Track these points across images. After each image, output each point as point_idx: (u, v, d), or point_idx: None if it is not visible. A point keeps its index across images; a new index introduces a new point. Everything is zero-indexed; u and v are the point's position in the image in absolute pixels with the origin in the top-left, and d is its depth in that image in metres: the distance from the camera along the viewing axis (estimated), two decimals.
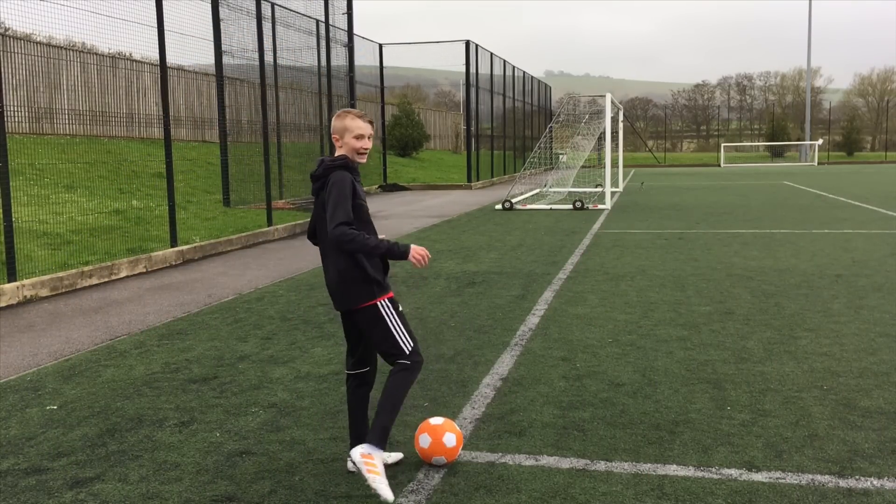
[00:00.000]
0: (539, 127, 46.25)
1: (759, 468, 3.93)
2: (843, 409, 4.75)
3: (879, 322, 6.92)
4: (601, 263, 10.52)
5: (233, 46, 16.13)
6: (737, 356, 5.92)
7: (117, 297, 8.89)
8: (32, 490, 3.84)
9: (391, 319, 3.82)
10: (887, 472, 3.87)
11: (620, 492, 3.70)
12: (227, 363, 6.01)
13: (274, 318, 7.60)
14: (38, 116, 16.46)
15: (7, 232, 8.67)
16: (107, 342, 6.79)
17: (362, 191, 3.90)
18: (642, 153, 61.69)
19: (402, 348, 3.81)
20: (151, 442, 4.43)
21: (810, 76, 60.24)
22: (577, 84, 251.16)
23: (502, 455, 4.15)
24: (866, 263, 10.12)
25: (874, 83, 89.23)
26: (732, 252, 11.33)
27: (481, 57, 32.48)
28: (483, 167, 33.10)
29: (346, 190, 3.74)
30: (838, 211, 17.52)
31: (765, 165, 50.90)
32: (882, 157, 56.81)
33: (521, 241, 13.12)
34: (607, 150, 22.19)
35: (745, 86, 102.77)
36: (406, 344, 3.83)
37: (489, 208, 20.35)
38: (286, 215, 15.95)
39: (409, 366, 3.81)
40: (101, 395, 5.29)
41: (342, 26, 20.42)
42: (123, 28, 11.69)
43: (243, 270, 10.68)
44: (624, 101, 69.57)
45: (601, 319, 7.22)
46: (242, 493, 3.76)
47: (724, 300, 7.98)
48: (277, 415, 4.83)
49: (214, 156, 18.45)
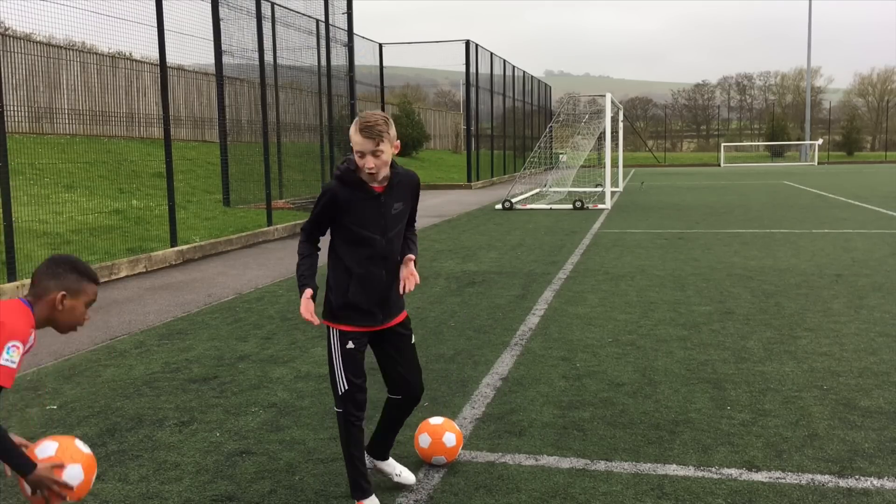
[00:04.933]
0: (539, 127, 46.22)
1: (759, 468, 3.93)
2: (843, 408, 4.75)
3: (879, 322, 6.92)
4: (601, 263, 10.52)
5: (233, 46, 16.12)
6: (737, 356, 5.92)
7: (117, 296, 8.89)
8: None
9: (333, 352, 3.50)
10: (887, 472, 3.87)
11: (620, 492, 3.70)
12: (227, 363, 6.01)
13: (274, 317, 7.60)
14: (38, 116, 16.45)
15: (7, 231, 8.67)
16: (107, 342, 6.79)
17: (367, 209, 3.42)
18: (642, 153, 61.67)
19: (336, 388, 3.50)
20: (151, 442, 4.43)
21: (810, 76, 60.22)
22: (577, 84, 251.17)
23: (502, 455, 4.15)
24: (866, 263, 10.12)
25: (874, 83, 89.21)
26: (732, 252, 11.33)
27: (481, 56, 32.48)
28: (483, 167, 33.10)
29: (318, 203, 3.44)
30: (838, 211, 17.52)
31: (765, 165, 50.89)
32: (882, 157, 56.78)
33: (521, 241, 13.11)
34: (607, 150, 22.18)
35: (745, 85, 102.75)
36: (339, 384, 3.47)
37: (489, 208, 20.35)
38: (286, 215, 15.94)
39: (337, 414, 3.51)
40: (101, 394, 5.29)
41: (342, 26, 20.40)
42: (123, 28, 11.69)
43: (243, 270, 10.68)
44: (624, 101, 69.54)
45: (601, 319, 7.22)
46: (242, 493, 3.76)
47: (724, 300, 7.98)
48: (277, 415, 4.83)
49: (214, 155, 18.44)
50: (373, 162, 3.30)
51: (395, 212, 3.47)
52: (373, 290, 3.48)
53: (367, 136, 3.27)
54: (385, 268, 3.49)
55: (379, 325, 3.52)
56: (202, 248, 12.00)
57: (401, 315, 3.63)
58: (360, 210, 3.40)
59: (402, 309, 3.66)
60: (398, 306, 3.61)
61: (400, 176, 3.50)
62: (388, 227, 3.45)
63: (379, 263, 3.47)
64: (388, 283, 3.51)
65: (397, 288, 3.53)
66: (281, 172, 17.80)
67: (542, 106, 49.39)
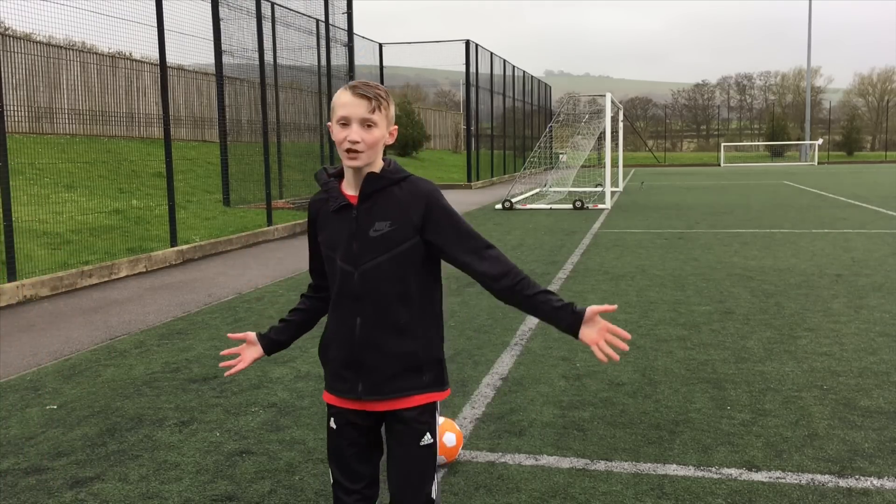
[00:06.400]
0: (539, 127, 46.23)
1: (759, 468, 3.93)
2: (843, 408, 4.75)
3: (879, 322, 6.92)
4: (601, 263, 10.52)
5: (233, 46, 16.12)
6: (737, 356, 5.92)
7: (117, 296, 8.89)
8: (32, 490, 3.84)
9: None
10: (887, 471, 3.87)
11: (620, 492, 3.70)
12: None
13: (274, 317, 7.60)
14: (38, 116, 16.45)
15: (7, 231, 8.67)
16: (107, 342, 6.79)
17: (334, 223, 2.44)
18: (642, 153, 61.68)
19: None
20: (151, 442, 4.43)
21: (810, 76, 60.22)
22: (577, 84, 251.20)
23: (502, 455, 4.15)
24: (866, 263, 10.12)
25: (874, 83, 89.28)
26: (732, 252, 11.33)
27: (481, 56, 32.48)
28: (483, 167, 33.10)
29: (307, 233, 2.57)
30: (838, 211, 17.52)
31: (765, 165, 50.89)
32: (882, 157, 56.79)
33: (521, 241, 13.11)
34: (607, 150, 22.18)
35: (744, 85, 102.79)
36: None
37: (489, 208, 20.35)
38: (286, 215, 15.94)
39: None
40: (101, 394, 5.29)
41: (342, 26, 20.40)
42: (123, 27, 11.70)
43: (243, 270, 10.68)
44: (624, 101, 69.55)
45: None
46: (242, 493, 3.76)
47: (724, 300, 7.97)
48: (277, 414, 4.83)
49: (214, 155, 18.44)
50: (359, 134, 2.30)
51: (374, 233, 2.37)
52: (341, 344, 2.45)
53: (360, 94, 2.31)
54: (358, 314, 2.40)
55: (358, 398, 2.43)
56: (202, 248, 12.00)
57: (408, 397, 2.43)
58: (328, 224, 2.47)
59: (418, 388, 2.44)
60: (400, 380, 2.42)
61: (393, 182, 2.39)
62: (360, 254, 2.38)
63: (348, 307, 2.42)
64: (362, 338, 2.40)
65: (391, 349, 2.40)
66: (281, 172, 17.80)
67: (542, 106, 49.39)
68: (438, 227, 2.39)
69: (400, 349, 2.40)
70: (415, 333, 2.42)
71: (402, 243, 2.37)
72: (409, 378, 2.42)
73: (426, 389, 2.44)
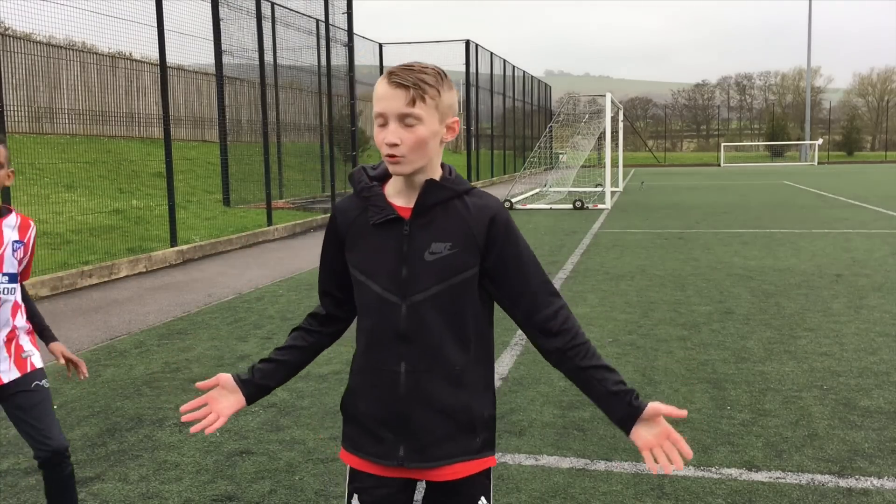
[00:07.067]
0: (539, 127, 46.24)
1: (759, 468, 3.93)
2: (843, 408, 4.75)
3: (879, 322, 6.92)
4: (601, 263, 10.52)
5: (233, 46, 16.13)
6: (737, 356, 5.92)
7: (117, 296, 8.89)
8: (32, 490, 3.83)
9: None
10: (887, 471, 3.87)
11: (620, 492, 3.70)
12: (227, 363, 6.01)
13: (274, 317, 7.59)
14: (38, 116, 16.45)
15: None
16: (107, 342, 6.79)
17: (376, 241, 1.95)
18: (642, 153, 61.68)
19: None
20: (151, 442, 4.43)
21: (810, 76, 60.23)
22: (577, 84, 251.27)
23: (502, 455, 4.15)
24: (866, 263, 10.12)
25: (874, 83, 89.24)
26: (732, 252, 11.33)
27: (481, 56, 32.49)
28: (483, 167, 33.10)
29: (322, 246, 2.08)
30: (838, 211, 17.52)
31: (765, 165, 50.89)
32: (882, 157, 56.79)
33: None
34: (607, 150, 22.19)
35: (744, 85, 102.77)
36: None
37: None
38: (286, 215, 15.95)
39: None
40: (101, 394, 5.29)
41: (342, 25, 20.40)
42: (123, 27, 11.70)
43: (243, 270, 10.68)
44: (624, 101, 69.51)
45: (601, 319, 7.22)
46: (242, 493, 3.76)
47: (724, 300, 7.97)
48: (277, 415, 4.83)
49: (214, 155, 18.44)
50: (397, 135, 1.83)
51: (430, 257, 1.91)
52: (378, 396, 1.97)
53: (397, 82, 1.83)
54: (404, 359, 1.94)
55: (398, 464, 1.96)
56: (202, 248, 12.00)
57: (460, 464, 1.97)
58: (364, 240, 1.96)
59: (468, 453, 1.98)
60: (451, 443, 1.96)
61: (456, 194, 1.93)
62: (411, 282, 1.92)
63: (389, 349, 1.95)
64: (409, 388, 1.94)
65: (444, 403, 1.94)
66: (281, 172, 17.81)
67: (542, 106, 49.41)
68: (501, 254, 1.93)
69: (454, 403, 1.94)
70: (469, 384, 1.96)
71: (463, 271, 1.92)
72: (460, 440, 1.96)
73: (478, 454, 1.98)
